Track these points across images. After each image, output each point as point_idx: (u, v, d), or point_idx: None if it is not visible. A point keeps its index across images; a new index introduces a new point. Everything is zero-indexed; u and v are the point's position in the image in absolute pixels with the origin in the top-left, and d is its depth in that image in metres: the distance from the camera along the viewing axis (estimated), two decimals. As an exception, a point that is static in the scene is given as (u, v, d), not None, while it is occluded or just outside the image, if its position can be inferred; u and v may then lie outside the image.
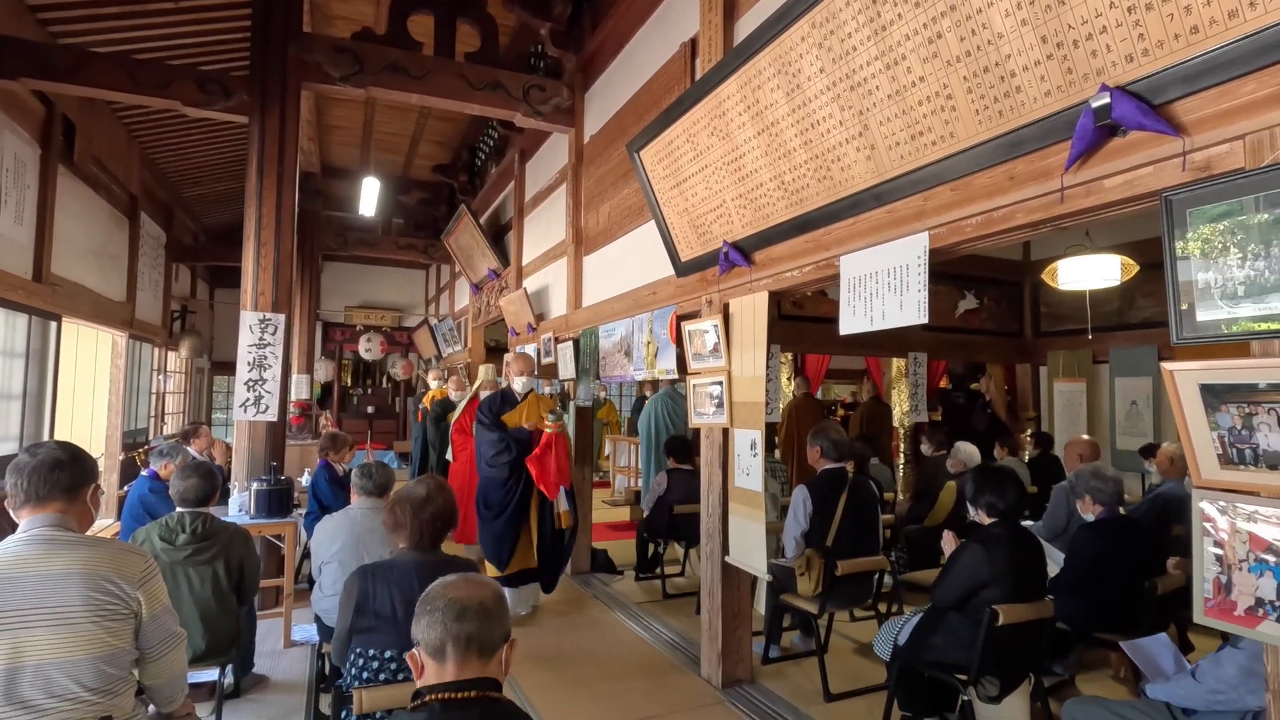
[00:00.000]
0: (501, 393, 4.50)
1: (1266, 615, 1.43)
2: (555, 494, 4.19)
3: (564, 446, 4.32)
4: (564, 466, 4.27)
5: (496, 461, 4.23)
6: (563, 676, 3.41)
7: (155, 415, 8.45)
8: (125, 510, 4.06)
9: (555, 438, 4.22)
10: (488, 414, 4.33)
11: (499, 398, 4.47)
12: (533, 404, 4.45)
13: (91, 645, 1.59)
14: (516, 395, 4.46)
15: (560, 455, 4.23)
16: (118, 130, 6.49)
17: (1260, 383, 1.41)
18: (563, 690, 3.24)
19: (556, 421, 4.24)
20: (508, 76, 5.38)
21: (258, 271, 4.57)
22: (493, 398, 4.47)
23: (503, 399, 4.47)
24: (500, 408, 4.40)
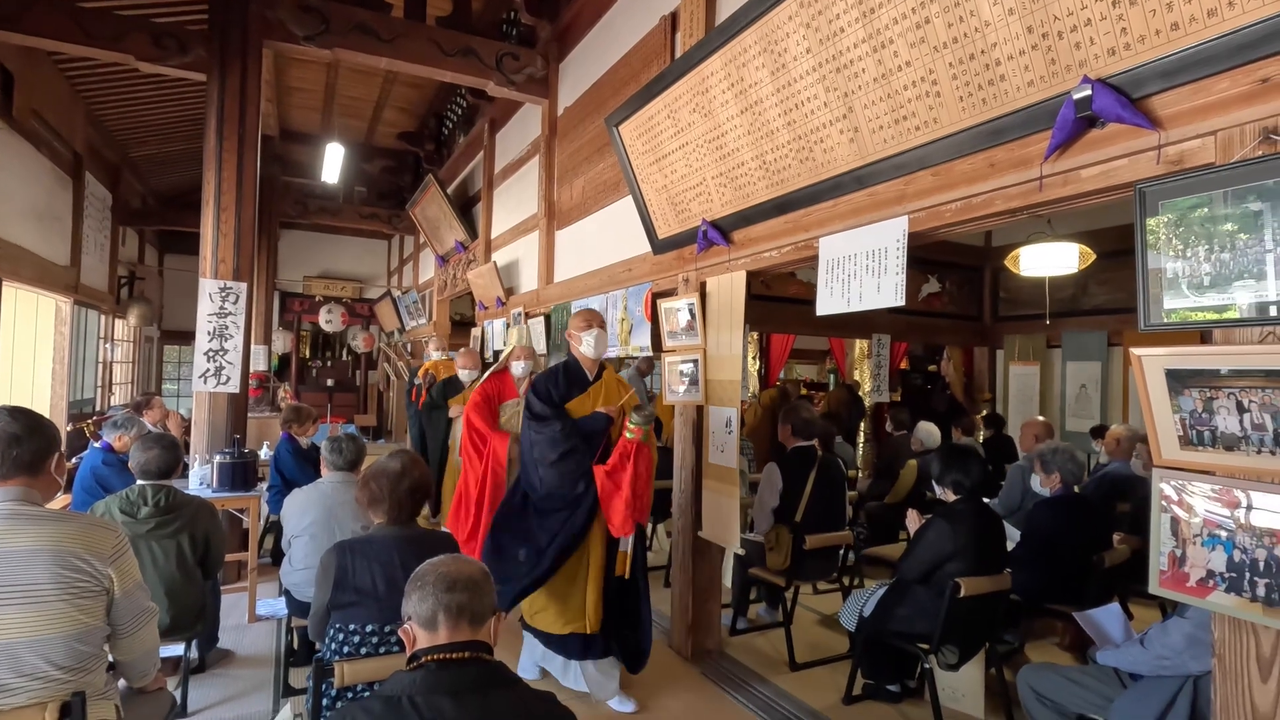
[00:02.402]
0: (565, 366, 3.05)
1: (1216, 586, 1.53)
2: (627, 530, 2.81)
3: (648, 463, 2.89)
4: (644, 492, 2.87)
5: (559, 468, 2.82)
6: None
7: (103, 385, 8.12)
8: (76, 483, 3.91)
9: (639, 449, 2.81)
10: (545, 396, 2.95)
11: (561, 373, 3.03)
12: (611, 388, 3.05)
13: (62, 623, 1.54)
14: (587, 373, 3.04)
15: (642, 475, 2.84)
16: (60, 84, 6.13)
17: (1222, 368, 1.49)
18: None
19: (643, 425, 2.82)
20: (480, 43, 5.24)
21: (217, 238, 4.40)
22: (552, 373, 3.05)
23: (568, 376, 3.02)
24: (565, 389, 2.98)
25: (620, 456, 2.81)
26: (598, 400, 2.98)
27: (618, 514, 2.79)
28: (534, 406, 2.93)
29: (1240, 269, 1.49)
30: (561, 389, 2.97)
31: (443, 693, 1.15)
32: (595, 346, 3.00)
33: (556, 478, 2.84)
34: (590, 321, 3.01)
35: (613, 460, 2.82)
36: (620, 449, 2.82)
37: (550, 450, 2.83)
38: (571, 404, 2.95)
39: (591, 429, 2.90)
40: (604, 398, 3.00)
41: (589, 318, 3.04)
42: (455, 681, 1.17)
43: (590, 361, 3.03)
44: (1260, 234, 1.46)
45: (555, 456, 2.83)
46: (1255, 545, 1.47)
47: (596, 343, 2.99)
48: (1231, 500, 1.51)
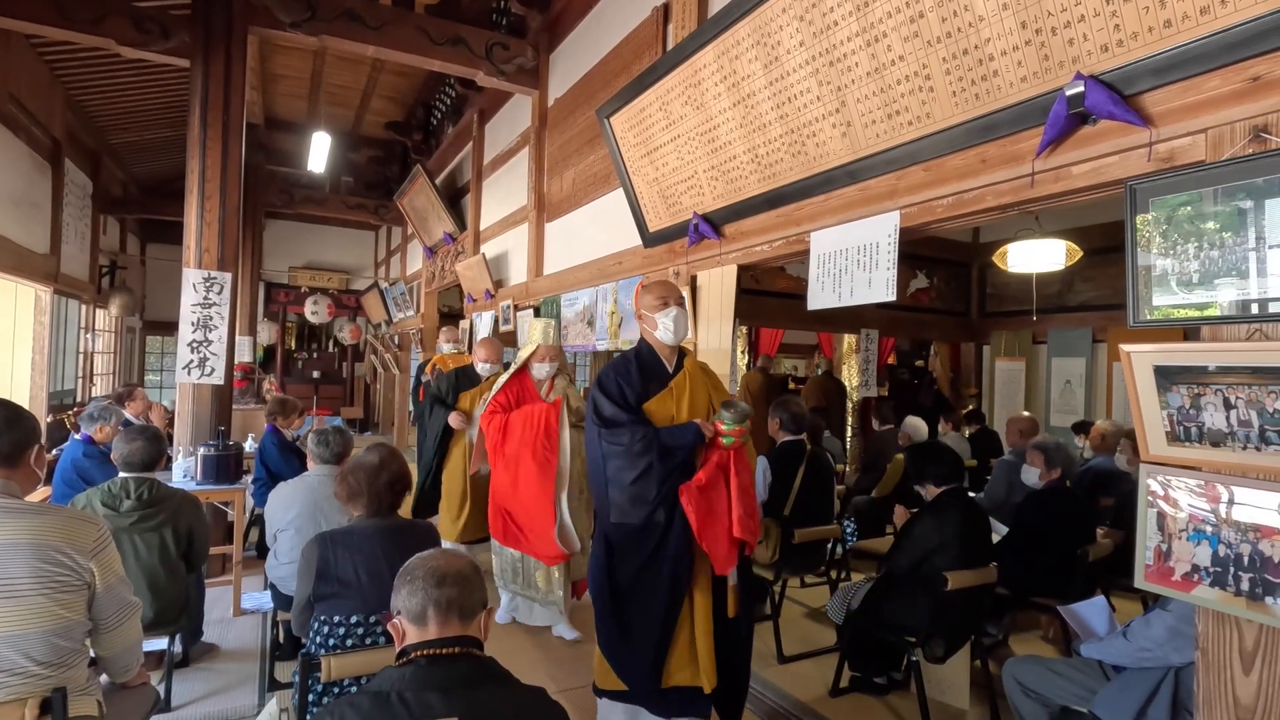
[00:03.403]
0: (637, 355, 2.41)
1: (1201, 580, 1.55)
2: (731, 564, 2.24)
3: (749, 474, 2.35)
4: (751, 511, 2.27)
5: (636, 490, 2.21)
6: (522, 644, 3.44)
7: (84, 376, 7.99)
8: (57, 475, 3.85)
9: (736, 457, 2.26)
10: (617, 395, 2.30)
11: (633, 363, 2.38)
12: (697, 381, 2.39)
13: (41, 618, 1.51)
14: (665, 363, 2.40)
15: (746, 489, 2.27)
16: (38, 68, 5.99)
17: (1210, 365, 1.50)
18: (527, 655, 3.26)
19: (737, 425, 2.23)
20: (470, 32, 5.18)
21: (201, 227, 4.33)
22: (622, 366, 2.38)
23: (642, 368, 2.37)
24: (641, 385, 2.33)
25: (715, 469, 2.18)
26: (682, 398, 2.33)
27: (720, 544, 2.17)
28: (602, 408, 2.27)
29: (1229, 266, 1.50)
30: (636, 385, 2.31)
31: (432, 688, 1.14)
32: (675, 329, 2.33)
33: (630, 502, 2.20)
34: (666, 298, 2.36)
35: (705, 474, 2.16)
36: (713, 459, 2.19)
37: (626, 467, 2.19)
38: (650, 403, 2.30)
39: (677, 443, 2.22)
40: (689, 394, 2.35)
41: (664, 292, 2.38)
42: (445, 677, 1.16)
43: (668, 349, 2.40)
44: (1249, 232, 1.47)
45: (633, 475, 2.18)
46: (1240, 540, 1.49)
47: (676, 324, 2.33)
48: (1217, 496, 1.53)
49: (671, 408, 2.31)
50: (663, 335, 2.36)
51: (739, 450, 2.26)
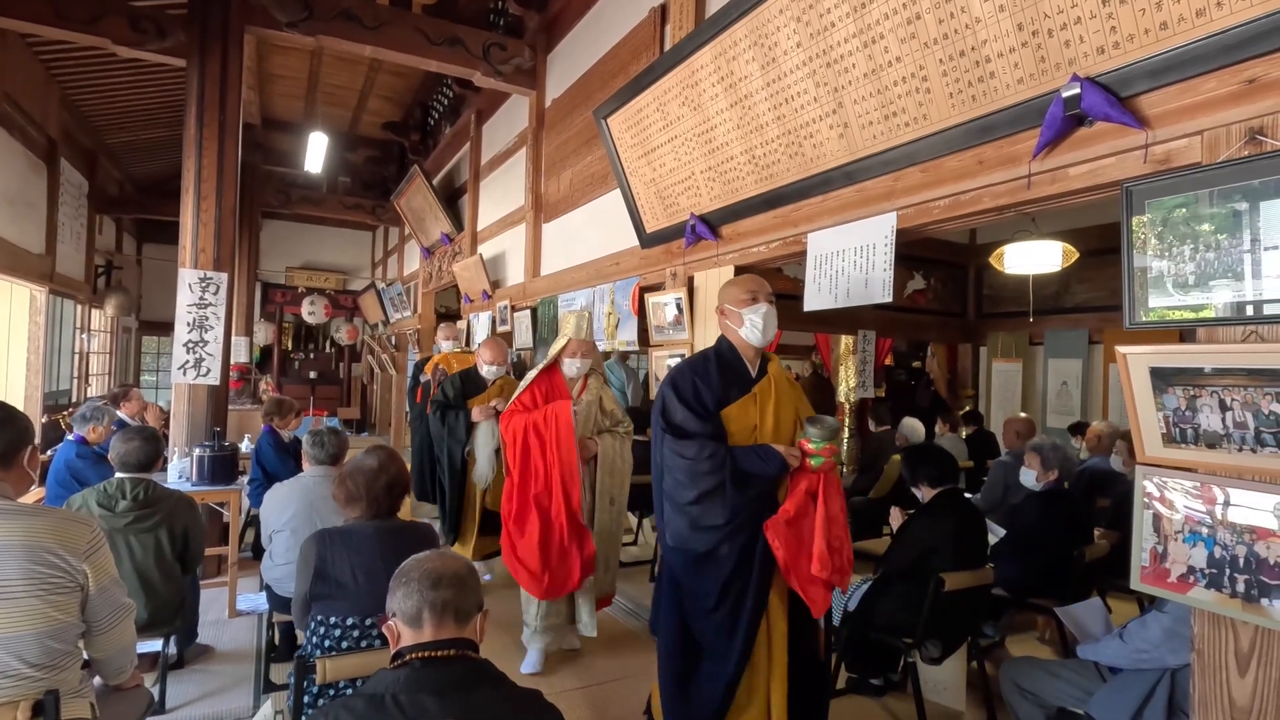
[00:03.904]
0: (717, 354, 2.15)
1: (1197, 581, 1.55)
2: (826, 604, 2.00)
3: (841, 500, 2.05)
4: (839, 541, 1.96)
5: (697, 513, 1.95)
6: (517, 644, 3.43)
7: (79, 376, 7.96)
8: (50, 476, 3.84)
9: (828, 482, 1.99)
10: (692, 399, 2.02)
11: (713, 364, 2.11)
12: (783, 389, 2.12)
13: (34, 620, 1.50)
14: (748, 366, 2.13)
15: (838, 519, 1.99)
16: (34, 67, 5.97)
17: (1206, 367, 1.50)
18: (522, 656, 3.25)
19: (827, 443, 1.97)
20: (467, 32, 5.18)
21: (197, 227, 4.32)
22: (700, 365, 2.12)
23: (722, 369, 2.10)
24: (721, 389, 2.06)
25: (804, 498, 1.91)
26: (766, 406, 2.03)
27: (816, 586, 1.90)
28: (672, 412, 2.01)
29: (1224, 268, 1.50)
30: (716, 388, 2.03)
31: (427, 691, 1.14)
32: (765, 328, 2.07)
33: (689, 526, 1.94)
34: (756, 292, 2.09)
35: (794, 504, 1.90)
36: (801, 486, 1.92)
37: (687, 484, 1.92)
38: (730, 410, 2.02)
39: (756, 471, 1.93)
40: (774, 402, 2.05)
41: (754, 286, 2.11)
42: (440, 679, 1.15)
43: (753, 351, 2.12)
44: (1244, 233, 1.47)
45: (693, 495, 1.91)
46: (1235, 542, 1.49)
47: (766, 323, 2.06)
48: (1212, 498, 1.53)
49: (753, 416, 2.03)
50: (749, 334, 2.08)
51: (829, 480, 1.95)
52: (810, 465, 1.96)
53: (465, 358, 4.74)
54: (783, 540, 1.89)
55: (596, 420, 3.11)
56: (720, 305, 2.17)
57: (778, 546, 1.89)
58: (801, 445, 1.98)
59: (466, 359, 4.67)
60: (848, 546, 1.98)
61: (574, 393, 3.09)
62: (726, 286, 2.20)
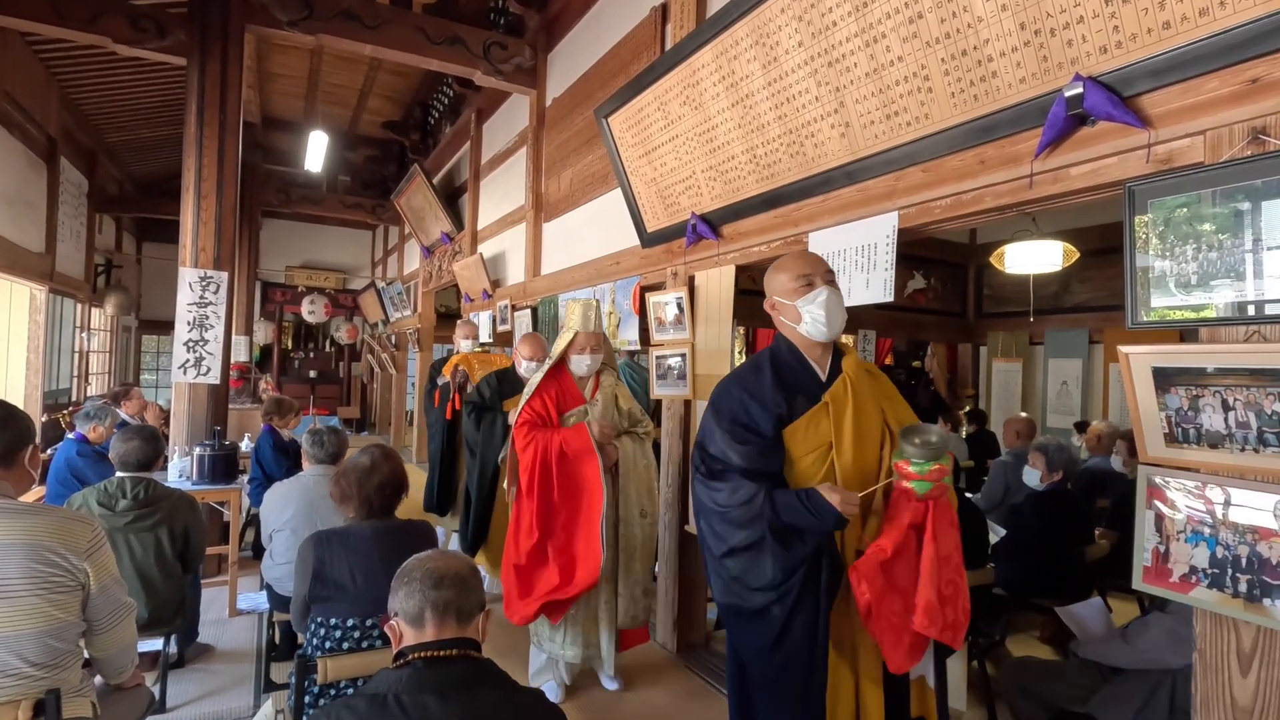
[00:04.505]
0: (772, 357, 1.74)
1: (1199, 582, 1.55)
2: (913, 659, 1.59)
3: (951, 537, 1.60)
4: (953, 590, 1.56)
5: (739, 571, 1.60)
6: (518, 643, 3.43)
7: (79, 375, 7.96)
8: (51, 475, 3.84)
9: (936, 513, 1.54)
10: (743, 418, 1.64)
11: (766, 370, 1.70)
12: (863, 391, 1.68)
13: (35, 619, 1.50)
14: (815, 368, 1.71)
15: (950, 559, 1.57)
16: (34, 66, 5.97)
17: (1208, 366, 1.50)
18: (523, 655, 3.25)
19: (934, 465, 1.50)
20: (467, 31, 5.18)
21: (198, 226, 4.32)
22: (747, 373, 1.74)
23: (779, 375, 1.68)
24: (783, 402, 1.64)
25: (907, 532, 1.50)
26: (843, 417, 1.59)
27: (900, 637, 1.49)
28: (709, 442, 1.65)
29: (1227, 268, 1.50)
30: (773, 402, 1.60)
31: (429, 691, 1.13)
32: (830, 318, 1.62)
33: (725, 587, 1.60)
34: (811, 274, 1.66)
35: (892, 540, 1.48)
36: (903, 518, 1.50)
37: (718, 535, 1.58)
38: (798, 426, 1.59)
39: (801, 524, 1.52)
40: (853, 410, 1.59)
41: (805, 267, 1.67)
42: (442, 679, 1.15)
43: (819, 348, 1.68)
44: (1247, 233, 1.47)
45: (727, 547, 1.58)
46: (1237, 542, 1.49)
47: (830, 311, 1.62)
48: (1214, 497, 1.52)
49: (827, 432, 1.59)
50: (810, 329, 1.63)
51: (939, 503, 1.50)
52: (914, 493, 1.49)
53: (486, 358, 4.50)
54: (871, 585, 1.47)
55: (614, 422, 2.81)
56: (769, 300, 1.74)
57: (863, 592, 1.48)
58: (899, 468, 1.49)
59: (488, 359, 4.45)
60: (963, 594, 1.53)
61: (585, 393, 2.81)
62: (773, 274, 1.73)
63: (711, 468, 1.62)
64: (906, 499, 1.52)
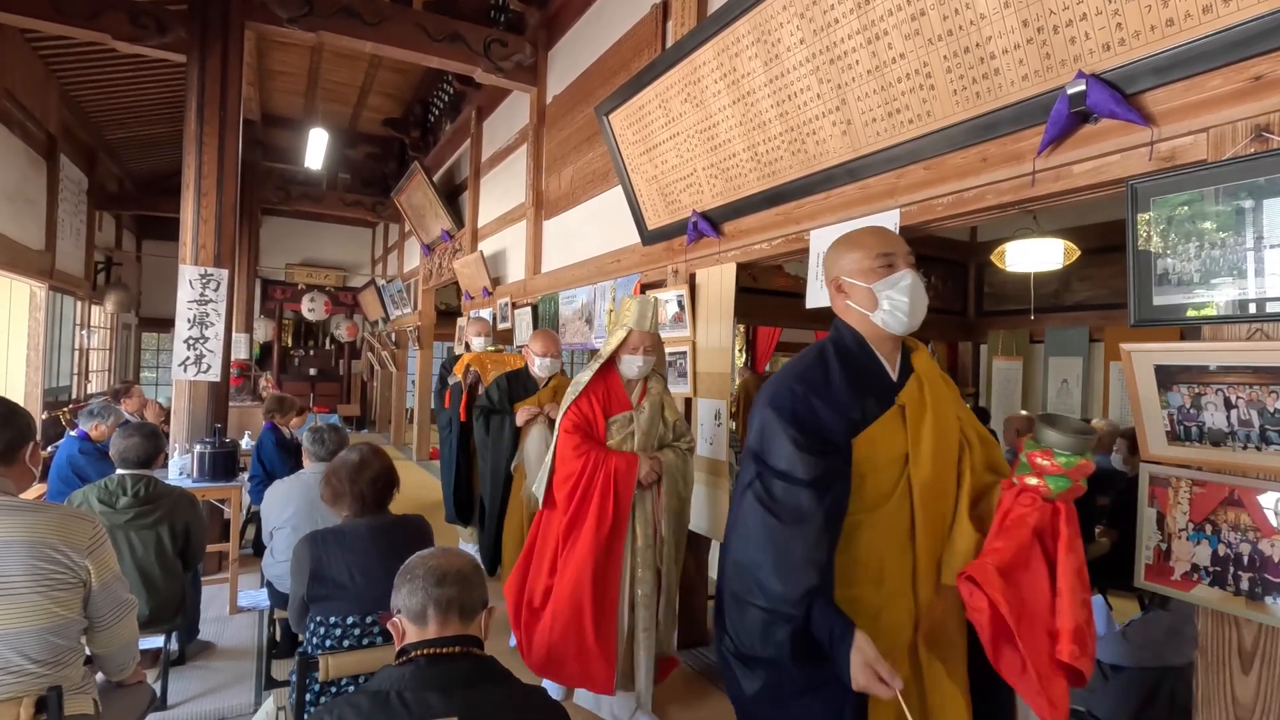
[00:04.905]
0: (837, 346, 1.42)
1: (1201, 579, 1.55)
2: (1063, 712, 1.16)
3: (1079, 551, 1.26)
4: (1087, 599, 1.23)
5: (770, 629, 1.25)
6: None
7: (79, 373, 7.96)
8: (53, 472, 3.84)
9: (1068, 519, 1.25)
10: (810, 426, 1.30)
11: (833, 366, 1.38)
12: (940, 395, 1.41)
13: (37, 616, 1.50)
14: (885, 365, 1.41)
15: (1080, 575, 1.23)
16: (34, 63, 5.96)
17: (1211, 364, 1.50)
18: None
19: (1080, 459, 1.23)
20: (468, 29, 5.17)
21: (198, 223, 4.31)
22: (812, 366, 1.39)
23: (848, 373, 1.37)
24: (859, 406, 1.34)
25: (1030, 539, 1.23)
26: (921, 425, 1.33)
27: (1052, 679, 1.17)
28: (776, 452, 1.29)
29: (1230, 266, 1.50)
30: (844, 406, 1.32)
31: (432, 688, 1.14)
32: (912, 308, 1.35)
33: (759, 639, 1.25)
34: (891, 254, 1.38)
35: (1009, 546, 1.22)
36: (1029, 519, 1.23)
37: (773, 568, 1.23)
38: (870, 435, 1.31)
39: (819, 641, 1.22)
40: (934, 418, 1.35)
41: (886, 246, 1.39)
42: (445, 676, 1.15)
43: (891, 342, 1.41)
44: (1249, 231, 1.47)
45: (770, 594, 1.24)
46: (1239, 540, 1.49)
47: (913, 301, 1.35)
48: (1217, 495, 1.52)
49: (901, 441, 1.32)
50: (887, 318, 1.35)
51: (1068, 508, 1.26)
52: (1044, 491, 1.23)
53: (499, 357, 4.26)
54: (1007, 596, 1.14)
55: (659, 432, 2.57)
56: (834, 278, 1.43)
57: (992, 604, 1.15)
58: (1033, 460, 1.25)
59: (501, 359, 4.19)
60: (1085, 610, 1.22)
61: (633, 397, 2.56)
62: (843, 249, 1.42)
63: (771, 488, 1.26)
64: (1029, 499, 1.25)
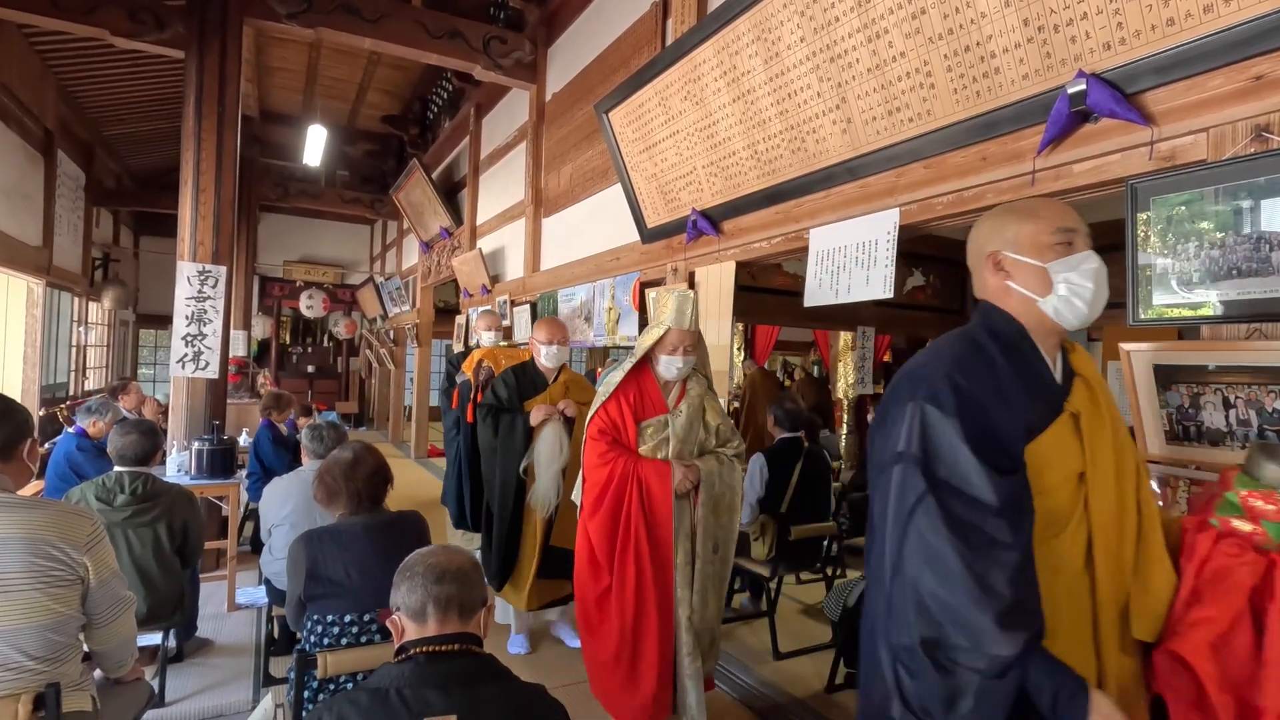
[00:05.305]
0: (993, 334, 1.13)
1: (1198, 579, 1.55)
2: None
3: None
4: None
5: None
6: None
7: (76, 369, 7.94)
8: (50, 469, 3.83)
9: None
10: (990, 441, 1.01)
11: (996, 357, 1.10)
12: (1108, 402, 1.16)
13: (35, 613, 1.50)
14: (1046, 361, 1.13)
15: None
16: (30, 58, 5.94)
17: (1209, 364, 1.50)
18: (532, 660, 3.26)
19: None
20: (467, 25, 5.16)
21: (196, 220, 4.30)
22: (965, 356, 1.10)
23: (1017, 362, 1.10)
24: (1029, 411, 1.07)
25: (1243, 601, 1.02)
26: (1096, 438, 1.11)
27: None
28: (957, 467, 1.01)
29: (1229, 266, 1.50)
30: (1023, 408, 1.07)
31: (431, 685, 1.13)
32: (1095, 297, 1.11)
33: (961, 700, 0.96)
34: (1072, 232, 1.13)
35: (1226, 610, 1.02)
36: (1241, 579, 1.03)
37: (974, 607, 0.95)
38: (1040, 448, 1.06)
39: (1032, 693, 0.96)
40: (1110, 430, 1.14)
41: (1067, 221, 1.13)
42: (444, 674, 1.15)
43: (1054, 337, 1.16)
44: (1249, 231, 1.47)
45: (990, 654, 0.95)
46: (1237, 539, 1.49)
47: (1097, 287, 1.11)
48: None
49: (1074, 460, 1.08)
50: (1062, 307, 1.10)
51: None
52: (1260, 540, 1.04)
53: (514, 352, 3.82)
54: (1217, 679, 0.98)
55: (698, 437, 2.35)
56: (992, 253, 1.15)
57: (1210, 687, 0.98)
58: (1247, 501, 1.07)
59: (515, 354, 3.75)
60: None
61: (669, 401, 2.34)
62: (1009, 220, 1.15)
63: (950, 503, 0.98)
64: (1235, 547, 1.02)
